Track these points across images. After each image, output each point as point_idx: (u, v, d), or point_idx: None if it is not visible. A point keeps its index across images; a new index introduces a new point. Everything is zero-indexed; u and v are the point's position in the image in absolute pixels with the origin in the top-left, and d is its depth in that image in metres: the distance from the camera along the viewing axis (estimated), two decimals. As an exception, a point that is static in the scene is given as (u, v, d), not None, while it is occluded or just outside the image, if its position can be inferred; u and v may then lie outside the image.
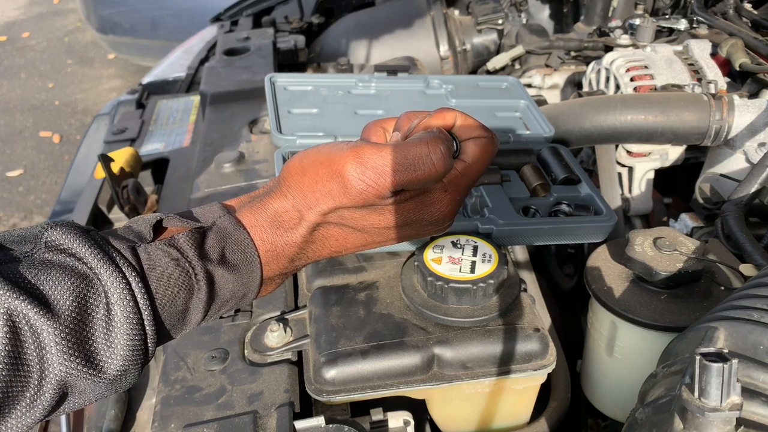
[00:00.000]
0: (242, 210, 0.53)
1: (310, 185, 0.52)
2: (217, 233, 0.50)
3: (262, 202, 0.53)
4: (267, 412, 0.69)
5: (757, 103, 1.00)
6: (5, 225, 3.21)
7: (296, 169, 0.53)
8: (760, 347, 0.50)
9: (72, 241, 0.43)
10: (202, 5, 3.14)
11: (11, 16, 5.71)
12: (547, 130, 0.97)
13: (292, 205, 0.52)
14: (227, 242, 0.50)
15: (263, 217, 0.52)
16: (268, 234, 0.52)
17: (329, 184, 0.51)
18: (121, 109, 1.78)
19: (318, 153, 0.52)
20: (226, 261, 0.49)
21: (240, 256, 0.50)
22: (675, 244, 0.77)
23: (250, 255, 0.51)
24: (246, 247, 0.50)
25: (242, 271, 0.50)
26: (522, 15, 1.87)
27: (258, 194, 0.55)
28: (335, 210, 0.52)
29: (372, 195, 0.50)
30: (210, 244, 0.49)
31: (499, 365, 0.71)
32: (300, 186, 0.52)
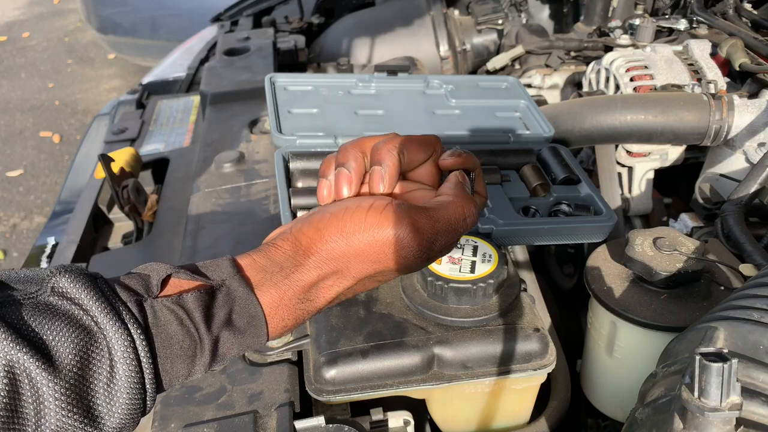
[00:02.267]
0: (262, 283, 0.50)
1: (355, 258, 0.50)
2: (226, 295, 0.48)
3: (286, 275, 0.50)
4: (267, 411, 0.69)
5: (756, 103, 1.00)
6: (5, 225, 3.21)
7: (332, 237, 0.50)
8: (759, 347, 0.50)
9: (79, 290, 0.43)
10: (202, 5, 3.14)
11: (11, 16, 5.71)
12: (547, 130, 0.97)
13: (321, 278, 0.51)
14: (235, 306, 0.48)
15: (288, 295, 0.50)
16: (287, 310, 0.50)
17: (383, 252, 0.50)
18: (122, 109, 1.78)
19: (351, 223, 0.50)
20: (231, 325, 0.48)
21: (246, 320, 0.49)
22: (675, 244, 0.77)
23: (257, 319, 0.49)
24: (253, 311, 0.49)
25: (247, 335, 0.49)
26: (522, 15, 1.88)
27: (278, 260, 0.51)
28: (378, 272, 0.51)
29: (421, 262, 0.51)
30: (218, 305, 0.48)
31: (499, 365, 0.71)
32: (334, 258, 0.50)
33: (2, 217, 3.26)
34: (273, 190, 1.08)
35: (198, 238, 0.99)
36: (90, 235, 1.31)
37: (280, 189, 0.80)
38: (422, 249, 0.51)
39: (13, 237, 3.13)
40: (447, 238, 0.52)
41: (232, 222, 1.02)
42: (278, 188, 0.81)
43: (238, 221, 1.02)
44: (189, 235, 1.00)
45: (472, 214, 0.53)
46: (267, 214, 1.03)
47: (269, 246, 0.52)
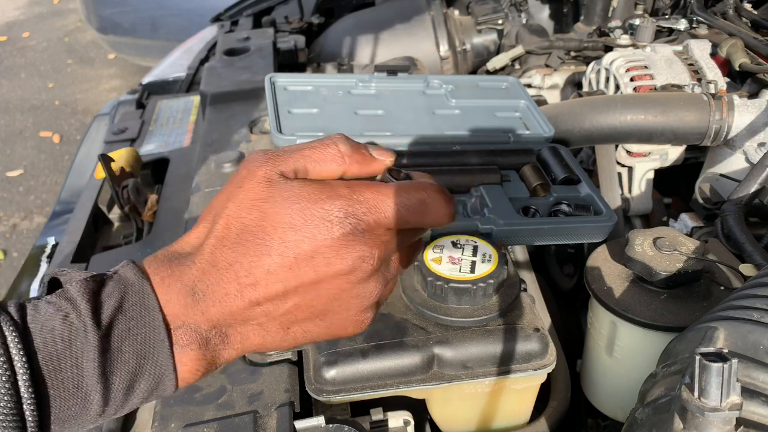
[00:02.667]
0: (149, 257, 0.47)
1: (214, 200, 0.48)
2: (117, 281, 0.45)
3: (170, 245, 0.48)
4: (267, 411, 0.69)
5: (756, 103, 1.00)
6: (5, 225, 3.21)
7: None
8: (759, 347, 0.50)
9: None
10: (202, 5, 3.14)
11: (11, 16, 5.71)
12: (547, 130, 0.97)
13: (197, 233, 0.48)
14: (127, 291, 0.44)
15: (162, 254, 0.47)
16: (162, 266, 0.46)
17: (233, 180, 0.48)
18: (121, 109, 1.78)
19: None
20: (122, 310, 0.44)
21: (137, 303, 0.44)
22: (675, 244, 0.77)
23: (147, 298, 0.44)
24: (145, 293, 0.44)
25: (141, 318, 0.44)
26: (522, 15, 1.88)
27: (177, 246, 0.49)
28: (239, 207, 0.47)
29: (271, 162, 0.48)
30: (107, 293, 0.44)
31: (499, 365, 0.71)
32: (206, 209, 0.48)
33: (2, 217, 3.27)
34: (273, 190, 1.08)
35: (198, 238, 0.99)
36: (90, 235, 1.31)
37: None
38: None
39: (13, 237, 3.13)
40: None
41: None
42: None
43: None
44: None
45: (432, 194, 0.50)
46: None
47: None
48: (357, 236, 0.47)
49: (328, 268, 0.47)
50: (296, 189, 0.47)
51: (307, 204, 0.47)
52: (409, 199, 0.50)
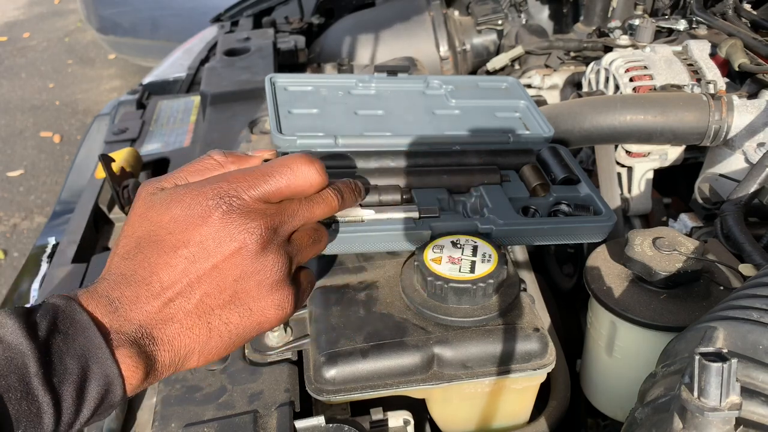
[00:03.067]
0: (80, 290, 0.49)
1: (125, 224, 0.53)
2: (46, 306, 0.46)
3: (100, 279, 0.50)
4: (267, 411, 0.69)
5: (756, 103, 1.01)
6: (6, 225, 3.21)
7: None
8: (759, 347, 0.50)
9: None
10: (203, 5, 3.14)
11: (11, 17, 5.71)
12: (546, 130, 0.97)
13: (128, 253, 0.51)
14: (58, 312, 0.46)
15: (101, 288, 0.49)
16: (85, 287, 0.49)
17: (133, 209, 0.53)
18: (122, 110, 1.78)
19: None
20: (57, 329, 0.45)
21: (68, 320, 0.46)
22: (674, 244, 0.77)
23: (76, 313, 0.46)
24: (74, 315, 0.46)
25: (75, 331, 0.45)
26: (522, 15, 1.88)
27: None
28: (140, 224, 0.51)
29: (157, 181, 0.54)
30: (39, 315, 0.45)
31: (499, 365, 0.71)
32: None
33: (3, 217, 3.27)
34: (273, 190, 1.08)
35: (198, 238, 0.99)
36: (90, 235, 1.31)
37: (280, 189, 0.80)
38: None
39: (14, 237, 3.13)
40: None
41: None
42: (278, 188, 0.81)
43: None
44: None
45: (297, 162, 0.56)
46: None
47: None
48: (236, 213, 0.51)
49: (219, 248, 0.50)
50: (172, 192, 0.52)
51: (184, 199, 0.51)
52: (275, 169, 0.54)
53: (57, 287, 1.12)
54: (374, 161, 0.86)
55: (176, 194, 0.52)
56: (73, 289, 0.50)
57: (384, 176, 0.84)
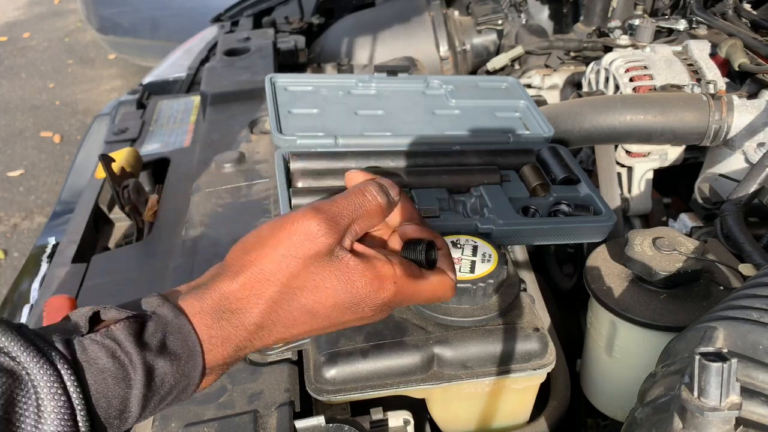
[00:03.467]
0: (185, 297, 0.50)
1: (268, 255, 0.51)
2: (157, 322, 0.48)
3: (206, 288, 0.51)
4: (267, 411, 0.69)
5: (756, 103, 1.01)
6: (6, 225, 3.21)
7: (244, 248, 0.52)
8: (759, 347, 0.50)
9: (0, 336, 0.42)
10: (203, 5, 3.14)
11: (12, 17, 5.71)
12: (546, 130, 0.97)
13: (243, 284, 0.50)
14: (167, 330, 0.48)
15: (208, 303, 0.50)
16: (212, 320, 0.49)
17: (291, 242, 0.51)
18: (122, 110, 1.78)
19: (264, 228, 0.53)
20: (166, 350, 0.47)
21: (180, 344, 0.48)
22: (674, 244, 0.77)
23: (192, 343, 0.48)
24: (187, 335, 0.48)
25: (183, 360, 0.48)
26: (522, 15, 1.88)
27: (202, 281, 0.52)
28: (298, 273, 0.51)
29: (336, 236, 0.52)
30: (149, 333, 0.47)
31: (499, 365, 0.71)
32: (254, 261, 0.51)
33: (3, 217, 3.27)
34: (273, 190, 1.08)
35: (198, 238, 0.99)
36: (90, 235, 1.31)
37: (280, 189, 0.81)
38: (329, 221, 0.52)
39: (14, 237, 3.13)
40: (354, 210, 0.54)
41: (232, 222, 1.02)
42: (278, 188, 0.81)
43: (238, 221, 1.02)
44: (189, 235, 1.00)
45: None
46: (267, 214, 1.03)
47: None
48: (379, 314, 0.55)
49: (345, 326, 0.55)
50: (351, 271, 0.52)
51: (358, 292, 0.52)
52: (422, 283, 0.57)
53: (57, 287, 1.12)
54: (374, 161, 0.86)
55: (353, 281, 0.52)
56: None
57: (384, 176, 0.84)
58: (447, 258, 0.59)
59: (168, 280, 0.95)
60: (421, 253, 0.56)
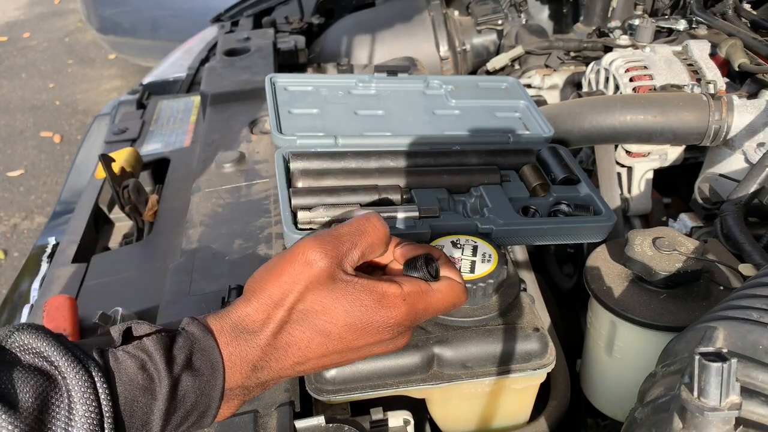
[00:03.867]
0: (209, 318, 0.54)
1: (273, 282, 0.53)
2: (186, 338, 0.51)
3: (226, 311, 0.54)
4: (267, 411, 0.69)
5: (756, 103, 1.01)
6: (6, 225, 3.21)
7: (255, 278, 0.55)
8: (759, 347, 0.50)
9: (41, 342, 0.45)
10: (203, 5, 3.14)
11: (12, 17, 5.71)
12: (546, 130, 0.97)
13: (256, 308, 0.53)
14: (195, 347, 0.51)
15: (227, 323, 0.53)
16: (231, 338, 0.52)
17: (293, 269, 0.53)
18: (122, 110, 1.78)
19: (273, 259, 0.56)
20: (191, 365, 0.50)
21: (205, 361, 0.51)
22: (674, 244, 0.77)
23: (215, 360, 0.51)
24: (211, 352, 0.51)
25: (205, 377, 0.50)
26: (522, 15, 1.88)
27: (224, 308, 0.56)
28: (302, 297, 0.53)
29: (334, 260, 0.54)
30: (178, 347, 0.50)
31: (499, 365, 0.71)
32: (262, 288, 0.54)
33: (3, 217, 3.27)
34: (273, 190, 1.08)
35: (198, 238, 0.99)
36: (90, 235, 1.31)
37: (280, 189, 0.81)
38: (329, 248, 0.54)
39: (14, 237, 3.13)
40: (356, 238, 0.56)
41: (232, 222, 1.02)
42: (278, 188, 0.81)
43: (238, 221, 1.02)
44: (189, 235, 1.00)
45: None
46: (267, 214, 1.03)
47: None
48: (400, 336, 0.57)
49: (370, 351, 0.57)
50: (358, 291, 0.54)
51: (368, 311, 0.54)
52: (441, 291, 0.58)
53: (57, 287, 1.12)
54: (374, 161, 0.86)
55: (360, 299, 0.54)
56: (205, 314, 0.54)
57: (384, 176, 0.84)
58: (448, 265, 0.61)
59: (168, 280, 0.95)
60: (423, 267, 0.58)
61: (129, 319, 0.94)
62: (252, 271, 0.57)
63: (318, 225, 0.75)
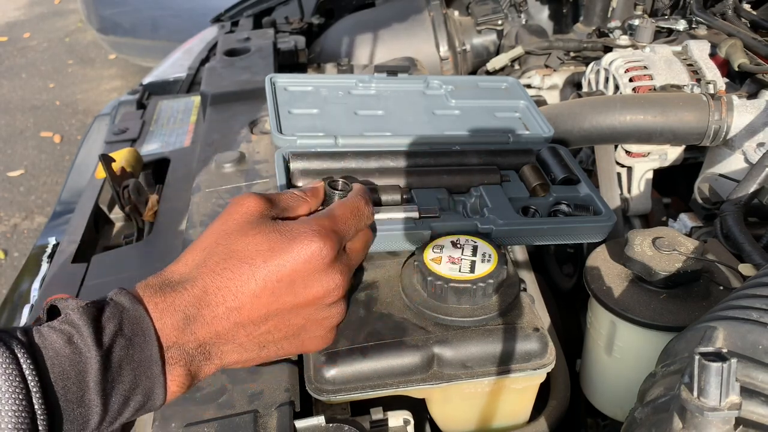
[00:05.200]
0: (138, 285, 0.53)
1: (206, 233, 0.56)
2: (114, 307, 0.49)
3: (156, 274, 0.54)
4: (267, 411, 0.69)
5: (756, 103, 1.01)
6: (6, 225, 3.21)
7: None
8: (759, 347, 0.50)
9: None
10: (203, 5, 3.14)
11: (12, 17, 5.71)
12: (546, 130, 0.97)
13: (184, 261, 0.54)
14: (124, 316, 0.49)
15: (154, 282, 0.52)
16: (157, 294, 0.51)
17: (225, 213, 0.56)
18: (122, 110, 1.78)
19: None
20: (122, 334, 0.48)
21: (136, 328, 0.49)
22: (674, 244, 0.78)
23: (145, 326, 0.49)
24: (141, 319, 0.50)
25: (138, 344, 0.49)
26: (521, 15, 1.88)
27: (163, 273, 0.55)
28: (228, 236, 0.53)
29: (263, 202, 0.56)
30: (106, 318, 0.48)
31: (499, 365, 0.71)
32: (194, 243, 0.56)
33: (3, 217, 3.27)
34: (273, 190, 1.08)
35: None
36: (91, 235, 1.31)
37: (280, 189, 0.81)
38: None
39: (14, 237, 3.13)
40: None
41: (232, 222, 1.02)
42: (278, 188, 0.81)
43: (238, 221, 1.02)
44: (189, 235, 1.00)
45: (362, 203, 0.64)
46: (267, 214, 1.03)
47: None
48: (331, 265, 0.56)
49: (306, 291, 0.55)
50: (282, 225, 0.55)
51: (291, 234, 0.54)
52: (355, 216, 0.61)
53: (57, 287, 1.12)
54: (374, 161, 0.86)
55: (285, 228, 0.54)
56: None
57: (384, 176, 0.84)
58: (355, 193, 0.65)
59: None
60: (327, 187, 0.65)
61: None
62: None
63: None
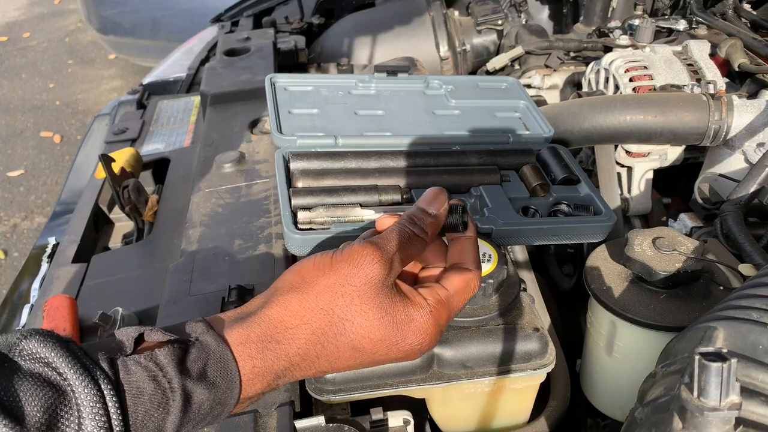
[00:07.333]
0: (231, 326, 0.51)
1: (323, 283, 0.52)
2: (200, 349, 0.49)
3: (255, 316, 0.51)
4: (267, 411, 0.69)
5: (756, 103, 1.01)
6: (6, 225, 3.21)
7: (298, 275, 0.53)
8: (759, 347, 0.50)
9: (49, 350, 0.43)
10: (203, 5, 3.14)
11: (12, 17, 5.71)
12: (546, 130, 0.97)
13: (294, 312, 0.51)
14: (209, 359, 0.49)
15: (255, 332, 0.51)
16: (257, 350, 0.50)
17: (347, 268, 0.51)
18: (122, 110, 1.78)
19: (325, 257, 0.53)
20: (206, 378, 0.48)
21: (220, 374, 0.49)
22: (674, 244, 0.77)
23: (231, 374, 0.49)
24: (227, 365, 0.49)
25: (221, 390, 0.49)
26: (521, 15, 1.88)
27: (251, 308, 0.53)
28: (349, 303, 0.51)
29: (386, 263, 0.52)
30: (191, 360, 0.48)
31: (499, 365, 0.71)
32: (308, 286, 0.52)
33: (3, 217, 3.27)
34: (273, 190, 1.08)
35: (198, 238, 0.99)
36: (90, 235, 1.31)
37: (280, 189, 0.81)
38: (384, 250, 0.53)
39: (14, 237, 3.13)
40: (402, 239, 0.55)
41: (232, 222, 1.02)
42: (278, 188, 0.81)
43: (238, 221, 1.02)
44: (189, 235, 1.00)
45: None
46: (267, 214, 1.03)
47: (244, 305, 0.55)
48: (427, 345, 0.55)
49: (387, 362, 0.55)
50: (399, 303, 0.53)
51: (407, 324, 0.53)
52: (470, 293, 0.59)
53: (57, 287, 1.12)
54: (374, 161, 0.86)
55: (402, 314, 0.53)
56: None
57: (384, 176, 0.84)
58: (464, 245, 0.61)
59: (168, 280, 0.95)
60: (459, 215, 0.60)
61: (129, 319, 0.94)
62: (252, 271, 0.56)
63: (318, 225, 0.75)
